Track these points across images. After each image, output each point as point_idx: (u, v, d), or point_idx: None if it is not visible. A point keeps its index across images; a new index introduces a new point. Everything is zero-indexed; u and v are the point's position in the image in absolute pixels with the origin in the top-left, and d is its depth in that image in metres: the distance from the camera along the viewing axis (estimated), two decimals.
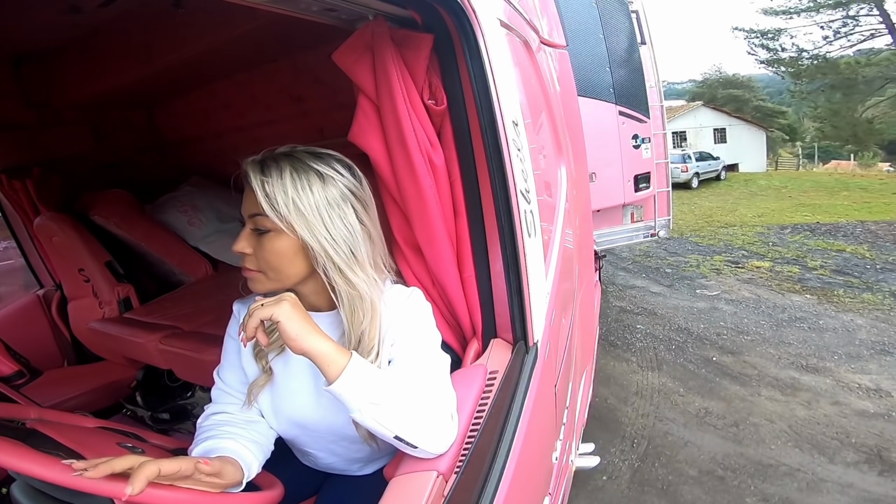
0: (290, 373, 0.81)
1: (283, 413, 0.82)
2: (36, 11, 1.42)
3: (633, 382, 2.84)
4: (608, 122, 2.86)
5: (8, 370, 1.81)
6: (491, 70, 0.79)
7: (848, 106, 16.12)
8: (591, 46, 2.76)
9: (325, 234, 0.70)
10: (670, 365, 3.02)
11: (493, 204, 0.82)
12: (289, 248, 0.72)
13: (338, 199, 0.72)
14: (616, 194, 2.94)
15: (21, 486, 0.59)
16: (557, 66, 1.89)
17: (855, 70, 14.91)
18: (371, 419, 0.65)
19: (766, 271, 4.60)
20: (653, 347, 3.25)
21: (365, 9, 0.74)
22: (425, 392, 0.69)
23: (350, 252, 0.72)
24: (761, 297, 3.97)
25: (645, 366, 3.04)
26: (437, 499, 0.62)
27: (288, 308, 0.65)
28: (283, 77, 2.12)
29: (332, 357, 0.65)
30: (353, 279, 0.72)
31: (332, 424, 0.80)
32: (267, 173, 0.70)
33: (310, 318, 0.67)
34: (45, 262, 2.20)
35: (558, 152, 1.56)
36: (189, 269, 2.24)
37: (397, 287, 0.81)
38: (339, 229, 0.71)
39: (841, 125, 16.43)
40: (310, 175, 0.71)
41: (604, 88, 2.81)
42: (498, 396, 0.76)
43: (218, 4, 1.36)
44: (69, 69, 1.86)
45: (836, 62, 15.44)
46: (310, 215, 0.70)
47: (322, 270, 0.72)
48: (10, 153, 1.91)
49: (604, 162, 2.84)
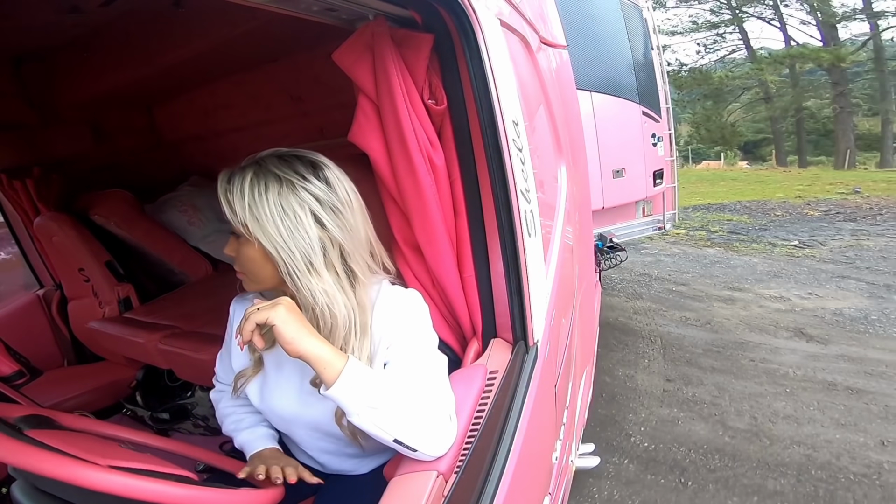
0: (281, 369, 0.82)
1: (270, 408, 0.84)
2: (36, 11, 1.42)
3: (628, 307, 4.02)
4: (635, 121, 3.11)
5: (8, 370, 1.81)
6: (491, 70, 0.79)
7: (718, 112, 19.69)
8: (619, 49, 2.98)
9: (280, 241, 0.70)
10: (647, 295, 4.29)
11: (493, 204, 0.82)
12: (256, 253, 0.72)
13: (293, 205, 0.70)
14: (641, 189, 3.22)
15: (21, 485, 0.59)
16: (558, 66, 1.89)
17: (724, 81, 18.21)
18: (370, 423, 0.65)
19: (684, 236, 6.48)
20: (630, 286, 4.55)
21: (365, 8, 0.74)
22: (423, 395, 0.69)
23: (305, 260, 0.70)
24: (687, 251, 5.75)
25: (630, 297, 4.27)
26: (437, 499, 0.61)
27: (283, 312, 0.65)
28: (283, 77, 2.12)
29: (327, 361, 0.65)
30: (309, 287, 0.71)
31: (318, 421, 0.80)
32: (231, 181, 0.71)
33: (305, 321, 0.67)
34: (45, 262, 2.20)
35: (559, 152, 1.55)
36: (189, 269, 2.24)
37: (395, 288, 0.80)
38: (294, 237, 0.70)
39: (712, 129, 19.84)
40: (269, 181, 0.70)
41: (630, 89, 3.04)
42: (498, 396, 0.76)
43: (218, 4, 1.36)
44: (69, 69, 1.86)
45: (709, 74, 18.52)
46: (264, 222, 0.69)
47: (285, 277, 0.72)
48: (10, 153, 1.91)
49: (632, 159, 3.08)
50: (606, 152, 2.88)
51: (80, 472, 0.52)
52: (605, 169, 2.88)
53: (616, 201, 3.05)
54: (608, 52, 2.89)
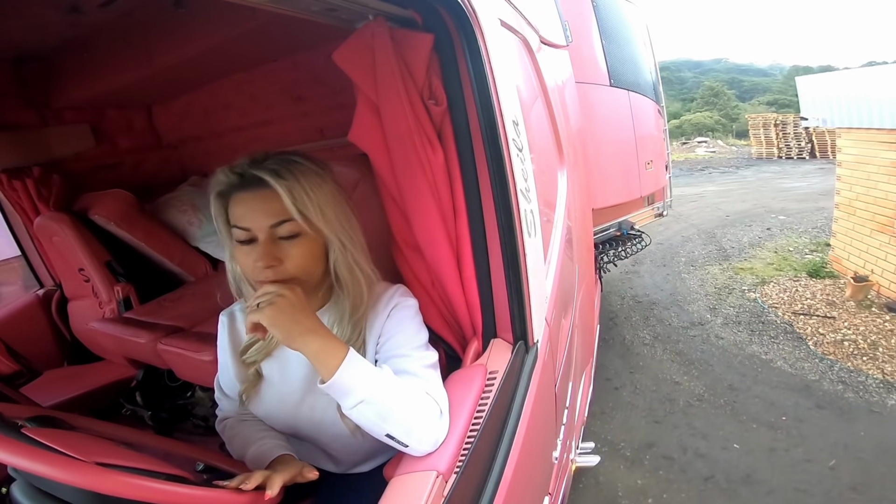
0: (283, 373, 0.82)
1: (273, 412, 0.84)
2: (36, 11, 1.42)
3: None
4: (654, 117, 3.33)
5: (8, 370, 1.81)
6: (491, 70, 0.79)
7: None
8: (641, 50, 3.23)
9: (340, 227, 0.72)
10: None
11: (493, 204, 0.82)
12: (316, 247, 0.73)
13: (336, 192, 0.74)
14: (662, 179, 3.46)
15: (21, 485, 0.59)
16: (558, 66, 1.89)
17: None
18: (363, 417, 0.65)
19: None
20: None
21: (365, 8, 0.74)
22: (415, 390, 0.69)
23: (360, 241, 0.75)
24: None
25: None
26: (437, 499, 0.61)
27: (271, 313, 0.64)
28: (284, 77, 2.12)
29: (324, 356, 0.65)
30: (365, 268, 0.75)
31: (320, 422, 0.81)
32: (284, 177, 0.68)
33: (303, 314, 0.66)
34: (45, 262, 2.20)
35: (559, 152, 1.55)
36: (189, 269, 2.24)
37: (381, 284, 0.81)
38: (349, 220, 0.74)
39: None
40: (312, 172, 0.71)
41: (650, 87, 3.27)
42: (498, 396, 0.76)
43: (218, 4, 1.36)
44: (69, 69, 1.86)
45: None
46: (328, 210, 0.71)
47: (333, 265, 0.74)
48: (10, 153, 1.91)
49: (657, 151, 3.30)
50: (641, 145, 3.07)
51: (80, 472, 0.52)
52: (640, 161, 3.06)
53: (649, 190, 3.25)
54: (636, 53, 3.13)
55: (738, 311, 3.85)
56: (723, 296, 4.17)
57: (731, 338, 3.41)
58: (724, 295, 4.18)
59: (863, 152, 4.22)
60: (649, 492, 2.07)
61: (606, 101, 2.78)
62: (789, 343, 3.28)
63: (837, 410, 2.54)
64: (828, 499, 1.95)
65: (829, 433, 2.35)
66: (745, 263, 4.87)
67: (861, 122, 4.17)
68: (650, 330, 3.63)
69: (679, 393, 2.81)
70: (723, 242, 5.65)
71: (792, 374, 2.91)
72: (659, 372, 3.04)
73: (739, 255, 5.17)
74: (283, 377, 0.82)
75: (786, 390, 2.76)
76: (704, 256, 5.22)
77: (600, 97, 2.72)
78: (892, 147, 3.87)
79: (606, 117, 2.77)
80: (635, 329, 3.67)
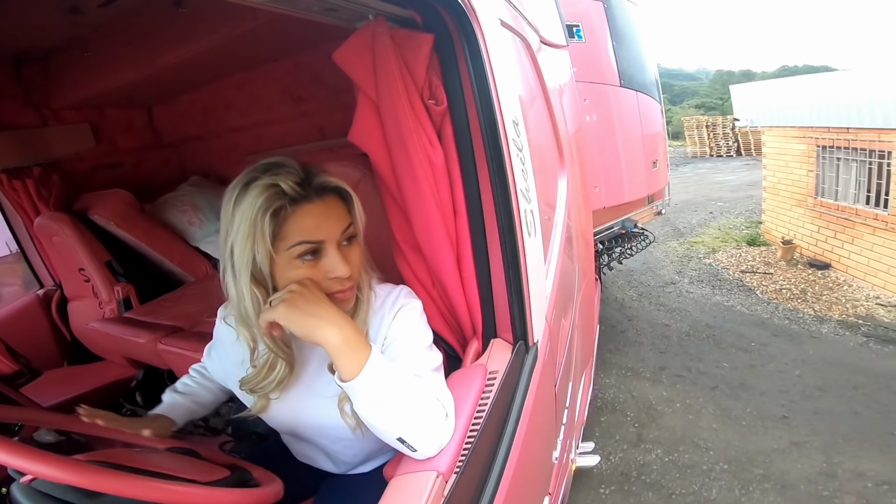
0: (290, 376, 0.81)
1: (275, 414, 0.83)
2: (36, 11, 1.42)
3: None
4: (659, 117, 3.40)
5: (8, 370, 1.81)
6: (491, 70, 0.79)
7: None
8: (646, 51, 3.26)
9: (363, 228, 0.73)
10: None
11: (493, 203, 0.82)
12: (362, 251, 0.74)
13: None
14: (665, 177, 3.55)
15: (21, 485, 0.59)
16: (558, 66, 1.89)
17: None
18: (378, 419, 0.64)
19: None
20: None
21: (365, 8, 0.74)
22: (426, 394, 0.68)
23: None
24: None
25: None
26: (437, 499, 0.61)
27: (285, 309, 0.63)
28: (284, 77, 2.12)
29: (347, 351, 0.63)
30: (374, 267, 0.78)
31: (322, 423, 0.80)
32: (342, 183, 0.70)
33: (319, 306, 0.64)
34: (45, 262, 2.20)
35: (559, 152, 1.55)
36: (189, 269, 2.24)
37: (385, 286, 0.80)
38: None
39: None
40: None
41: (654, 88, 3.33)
42: (498, 396, 0.76)
43: (219, 4, 1.36)
44: (69, 69, 1.86)
45: None
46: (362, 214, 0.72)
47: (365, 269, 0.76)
48: (10, 153, 1.91)
49: (661, 151, 3.39)
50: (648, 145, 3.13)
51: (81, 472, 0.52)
52: (647, 161, 3.12)
53: (655, 189, 3.32)
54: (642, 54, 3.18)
55: (699, 272, 4.99)
56: (685, 262, 5.36)
57: (698, 292, 4.49)
58: (686, 262, 5.38)
59: (781, 145, 5.45)
60: (675, 399, 2.81)
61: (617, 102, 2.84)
62: (742, 293, 4.36)
63: (788, 337, 3.50)
64: (804, 396, 2.76)
65: (788, 353, 3.27)
66: (697, 238, 6.21)
67: (780, 121, 5.39)
68: (634, 290, 4.60)
69: (671, 332, 3.71)
70: (676, 224, 6.98)
71: (750, 315, 3.91)
72: (651, 318, 3.94)
73: (691, 232, 6.51)
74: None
75: (748, 325, 3.73)
76: (664, 235, 6.37)
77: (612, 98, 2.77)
78: (802, 140, 5.09)
79: (618, 117, 2.82)
80: (623, 290, 4.64)
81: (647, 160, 3.08)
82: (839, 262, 4.69)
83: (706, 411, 2.67)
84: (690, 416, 2.63)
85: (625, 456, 2.36)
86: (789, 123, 5.21)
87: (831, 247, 4.80)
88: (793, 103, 5.13)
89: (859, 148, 4.43)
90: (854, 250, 4.51)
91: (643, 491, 2.12)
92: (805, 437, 2.39)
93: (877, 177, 4.28)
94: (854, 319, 3.67)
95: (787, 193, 5.39)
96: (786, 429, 2.47)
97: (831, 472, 2.14)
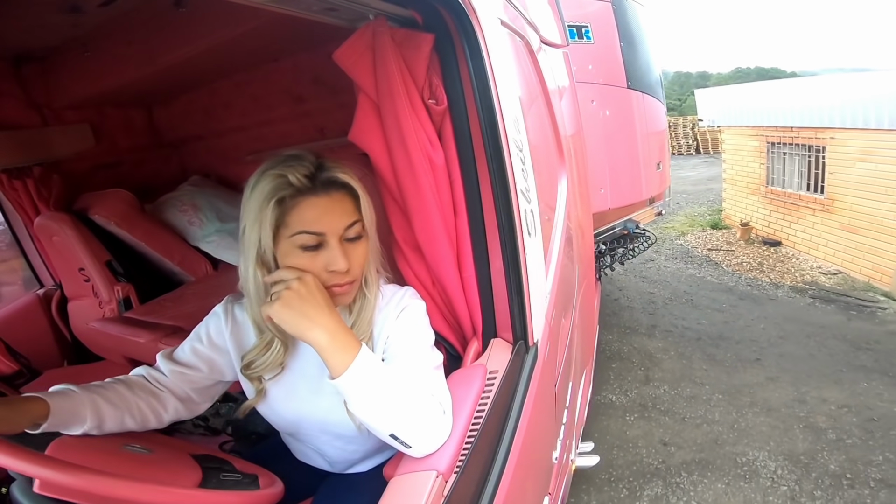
0: (290, 371, 0.81)
1: (276, 410, 0.83)
2: (36, 11, 1.42)
3: None
4: (663, 119, 3.43)
5: (8, 370, 1.81)
6: (491, 70, 0.79)
7: None
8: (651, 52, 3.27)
9: (375, 227, 0.75)
10: None
11: (493, 203, 0.82)
12: (369, 248, 0.74)
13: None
14: (667, 179, 3.57)
15: (21, 485, 0.59)
16: (558, 66, 1.89)
17: None
18: (370, 416, 0.65)
19: None
20: None
21: (366, 8, 0.74)
22: (421, 391, 0.69)
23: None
24: None
25: None
26: (437, 498, 0.61)
27: (278, 308, 0.65)
28: (284, 77, 2.12)
29: (334, 351, 0.64)
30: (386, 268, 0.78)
31: (325, 421, 0.80)
32: (353, 178, 0.71)
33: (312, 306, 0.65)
34: (45, 262, 2.20)
35: (559, 152, 1.55)
36: (189, 269, 2.24)
37: (391, 287, 0.81)
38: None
39: None
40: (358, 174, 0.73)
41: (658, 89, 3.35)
42: (498, 396, 0.76)
43: (219, 4, 1.36)
44: (69, 69, 1.85)
45: None
46: (372, 211, 0.73)
47: (371, 266, 0.76)
48: (10, 153, 1.91)
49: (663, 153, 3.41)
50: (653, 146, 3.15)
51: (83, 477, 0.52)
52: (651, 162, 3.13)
53: (658, 190, 3.32)
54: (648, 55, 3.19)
55: (673, 251, 5.86)
56: (659, 243, 5.99)
57: (674, 267, 5.38)
58: (660, 243, 6.05)
59: (738, 142, 6.47)
60: (669, 349, 3.45)
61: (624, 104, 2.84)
62: (710, 267, 5.34)
63: (751, 300, 4.32)
64: (770, 343, 3.46)
65: (753, 312, 4.02)
66: (668, 224, 7.10)
67: (737, 121, 6.40)
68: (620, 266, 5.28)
69: (656, 298, 4.46)
70: None
71: (718, 283, 4.81)
72: (637, 288, 4.67)
73: (662, 219, 7.07)
74: (290, 375, 0.81)
75: (719, 291, 4.59)
76: None
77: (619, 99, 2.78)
78: (755, 138, 6.07)
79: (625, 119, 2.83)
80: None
81: (652, 162, 3.09)
82: (788, 239, 5.70)
83: (696, 357, 3.33)
84: (684, 361, 3.28)
85: (639, 391, 2.96)
86: (745, 123, 6.20)
87: (781, 227, 5.80)
88: (747, 106, 6.13)
89: (800, 144, 5.38)
90: (799, 229, 5.52)
91: (660, 416, 2.71)
92: (776, 374, 3.03)
93: (814, 167, 5.21)
94: (802, 285, 4.61)
95: (744, 183, 6.38)
96: (760, 368, 3.12)
97: (802, 399, 2.77)
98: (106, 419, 0.70)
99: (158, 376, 0.82)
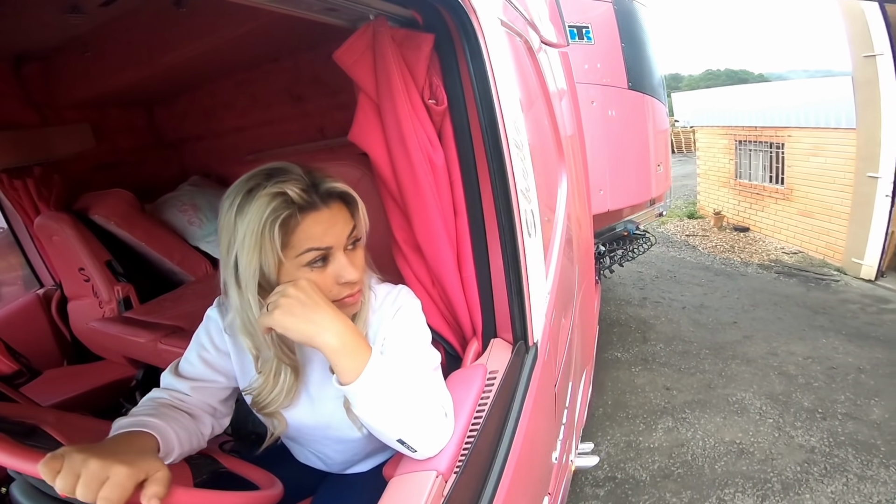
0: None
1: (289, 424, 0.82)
2: (36, 11, 1.42)
3: None
4: (664, 120, 3.45)
5: (8, 369, 1.81)
6: (491, 70, 0.79)
7: None
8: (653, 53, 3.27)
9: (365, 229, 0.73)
10: None
11: (493, 203, 0.82)
12: (364, 255, 0.73)
13: None
14: (668, 180, 3.63)
15: (21, 485, 0.59)
16: (558, 66, 1.89)
17: None
18: (379, 421, 0.64)
19: None
20: None
21: (366, 8, 0.74)
22: (426, 395, 0.68)
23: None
24: None
25: None
26: (437, 499, 0.61)
27: (279, 317, 0.62)
28: (284, 77, 2.12)
29: (345, 355, 0.62)
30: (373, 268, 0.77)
31: (328, 424, 0.80)
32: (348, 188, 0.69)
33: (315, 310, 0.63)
34: (45, 262, 2.20)
35: (559, 152, 1.56)
36: (189, 269, 2.24)
37: (384, 286, 0.80)
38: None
39: None
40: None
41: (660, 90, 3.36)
42: (498, 396, 0.76)
43: (219, 4, 1.36)
44: (69, 69, 1.86)
45: None
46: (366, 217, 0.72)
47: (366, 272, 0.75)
48: (10, 153, 1.91)
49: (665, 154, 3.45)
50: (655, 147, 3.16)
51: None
52: (653, 163, 3.16)
53: (660, 191, 3.36)
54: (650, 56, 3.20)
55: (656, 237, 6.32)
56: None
57: (657, 250, 5.83)
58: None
59: (710, 141, 7.34)
60: (660, 316, 4.04)
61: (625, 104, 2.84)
62: (689, 250, 6.08)
63: (726, 277, 4.98)
64: (744, 310, 4.04)
65: (727, 286, 4.67)
66: None
67: (708, 122, 7.33)
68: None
69: (644, 276, 5.10)
70: None
71: (697, 263, 5.53)
72: (627, 267, 4.75)
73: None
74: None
75: (697, 269, 5.27)
76: None
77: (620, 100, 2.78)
78: (725, 136, 6.93)
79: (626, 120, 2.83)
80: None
81: (653, 163, 3.09)
82: (755, 225, 6.47)
83: (683, 321, 3.92)
84: (674, 325, 3.86)
85: (640, 349, 3.48)
86: (716, 123, 7.10)
87: (749, 215, 6.58)
88: (718, 108, 7.09)
89: (763, 141, 6.11)
90: (764, 216, 6.28)
91: (660, 367, 3.21)
92: (751, 333, 3.61)
93: (775, 162, 5.95)
94: (768, 263, 5.34)
95: (716, 177, 7.24)
96: (737, 329, 3.69)
97: (774, 352, 3.30)
98: (185, 446, 0.69)
99: (182, 396, 0.78)
